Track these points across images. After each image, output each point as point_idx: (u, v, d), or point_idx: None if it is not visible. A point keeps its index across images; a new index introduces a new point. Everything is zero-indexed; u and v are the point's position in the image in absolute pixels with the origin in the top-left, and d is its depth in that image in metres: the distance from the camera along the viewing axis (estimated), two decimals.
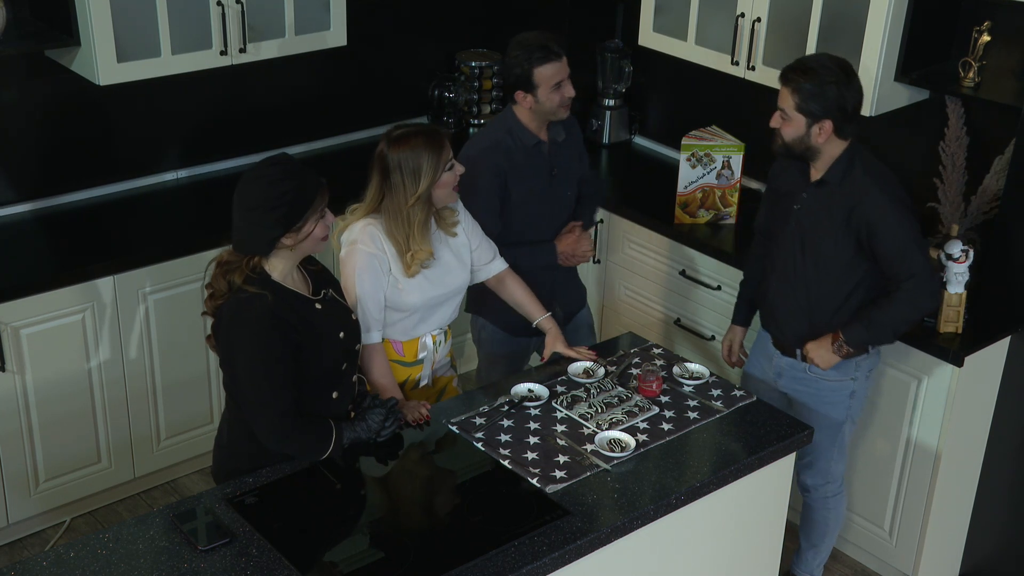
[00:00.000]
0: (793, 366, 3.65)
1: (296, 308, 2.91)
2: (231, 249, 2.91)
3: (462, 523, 2.86)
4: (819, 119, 3.32)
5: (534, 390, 3.34)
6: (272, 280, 2.89)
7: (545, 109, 3.67)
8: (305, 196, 2.85)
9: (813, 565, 3.96)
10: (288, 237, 2.86)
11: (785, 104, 3.36)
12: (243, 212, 2.85)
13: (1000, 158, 4.02)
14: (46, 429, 4.09)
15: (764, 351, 3.77)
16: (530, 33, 3.67)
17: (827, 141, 3.36)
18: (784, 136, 3.40)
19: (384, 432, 3.08)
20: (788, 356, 3.65)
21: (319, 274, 3.08)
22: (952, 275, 3.73)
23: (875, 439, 4.00)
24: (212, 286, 2.92)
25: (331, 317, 3.01)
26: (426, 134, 3.28)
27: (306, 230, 2.88)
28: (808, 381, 3.63)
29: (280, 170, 2.84)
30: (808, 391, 3.65)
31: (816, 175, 3.46)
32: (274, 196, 2.81)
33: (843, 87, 3.31)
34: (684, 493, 2.99)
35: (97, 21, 3.96)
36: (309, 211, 2.86)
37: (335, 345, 3.00)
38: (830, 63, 3.34)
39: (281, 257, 2.91)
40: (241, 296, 2.85)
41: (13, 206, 4.38)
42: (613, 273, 4.85)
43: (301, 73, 4.88)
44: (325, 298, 3.02)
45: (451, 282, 3.44)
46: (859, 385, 3.64)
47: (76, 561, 2.66)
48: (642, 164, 5.22)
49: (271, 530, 2.77)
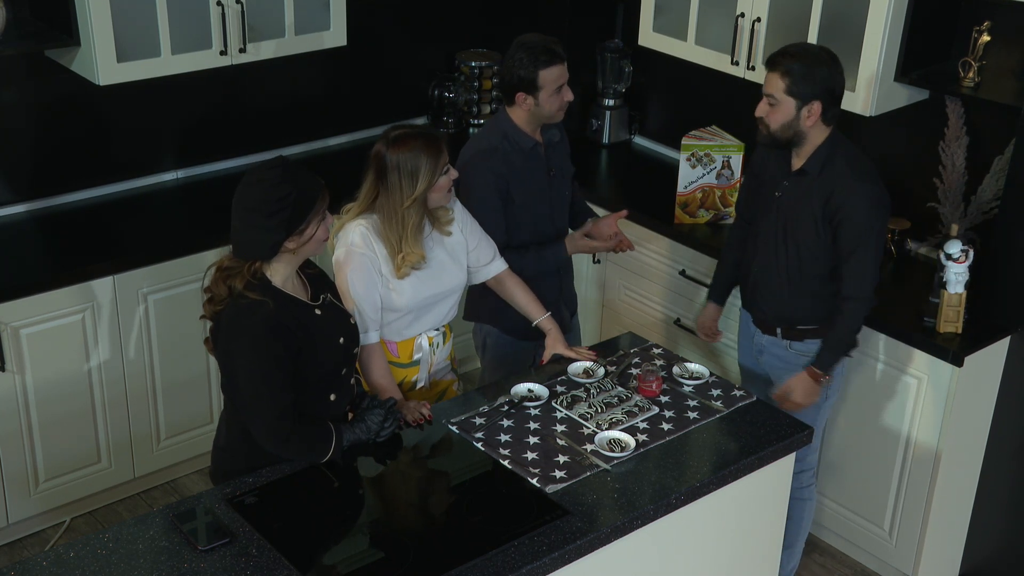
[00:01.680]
0: (774, 343, 3.71)
1: (296, 314, 2.90)
2: (231, 254, 2.89)
3: (462, 523, 2.85)
4: (808, 101, 3.38)
5: (534, 390, 3.34)
6: (273, 286, 2.88)
7: (544, 112, 3.66)
8: (307, 199, 2.83)
9: (788, 569, 3.95)
10: (291, 241, 2.84)
11: (774, 89, 3.40)
12: (243, 216, 2.83)
13: (1000, 158, 4.02)
14: (46, 429, 4.09)
15: (746, 331, 3.84)
16: (533, 35, 3.66)
17: (814, 126, 3.42)
18: (772, 123, 3.44)
19: (383, 433, 3.08)
20: (768, 334, 3.71)
21: (317, 278, 3.07)
22: (952, 275, 3.73)
23: (875, 439, 4.00)
24: (211, 290, 2.89)
25: (330, 322, 3.00)
26: (425, 137, 3.27)
27: (308, 233, 2.86)
28: (788, 358, 3.69)
29: (280, 173, 2.81)
30: (788, 369, 3.69)
31: (797, 164, 3.51)
32: (276, 199, 2.79)
33: (832, 68, 3.39)
34: (684, 493, 2.99)
35: (97, 21, 3.96)
36: (311, 214, 2.84)
37: (335, 350, 2.99)
38: (816, 49, 3.43)
39: (283, 262, 2.89)
40: (242, 303, 2.83)
41: (13, 206, 4.38)
42: (613, 273, 4.85)
43: (301, 73, 4.88)
44: (324, 303, 3.01)
45: (446, 282, 3.43)
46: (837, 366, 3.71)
47: (76, 561, 2.66)
48: (642, 164, 5.22)
49: (271, 530, 2.77)
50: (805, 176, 3.48)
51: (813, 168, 3.46)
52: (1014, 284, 3.81)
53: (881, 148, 4.37)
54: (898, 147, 4.34)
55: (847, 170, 3.43)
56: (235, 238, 2.86)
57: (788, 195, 3.53)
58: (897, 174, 4.36)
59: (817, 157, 3.45)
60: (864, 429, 4.02)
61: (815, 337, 3.63)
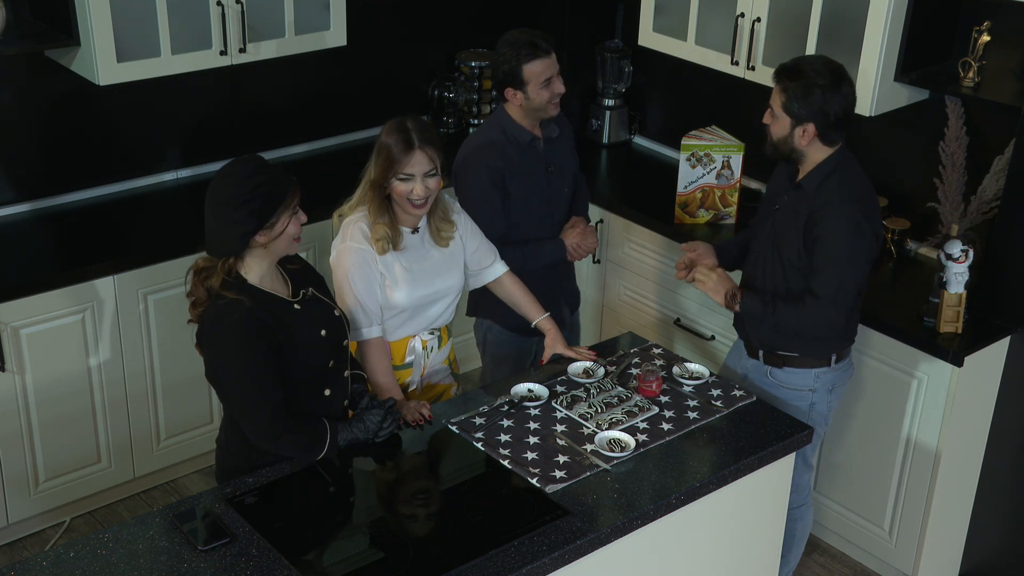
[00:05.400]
0: (756, 368, 3.61)
1: (274, 311, 2.90)
2: (206, 256, 2.91)
3: (462, 523, 2.85)
4: (803, 122, 3.30)
5: (534, 390, 3.34)
6: (248, 284, 2.89)
7: (535, 106, 3.67)
8: (277, 191, 2.85)
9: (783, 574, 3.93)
10: (261, 234, 2.85)
11: (774, 102, 3.36)
12: (215, 209, 2.85)
13: (1000, 158, 4.02)
14: (46, 429, 4.09)
15: (736, 353, 3.76)
16: (518, 30, 3.68)
17: (810, 145, 3.33)
18: (772, 134, 3.39)
19: (382, 433, 3.08)
20: (752, 357, 3.62)
21: (300, 272, 3.07)
22: (952, 275, 3.73)
23: (875, 439, 4.00)
24: (193, 294, 2.93)
25: (311, 316, 2.99)
26: (406, 135, 3.20)
27: (279, 227, 2.87)
28: (768, 385, 3.59)
29: (251, 166, 2.85)
30: (768, 396, 3.57)
31: (799, 179, 3.42)
32: (246, 191, 2.81)
33: (829, 92, 3.26)
34: (684, 493, 2.99)
35: (97, 21, 3.96)
36: (281, 207, 2.86)
37: (318, 343, 2.99)
38: (822, 67, 3.30)
39: (256, 257, 2.90)
40: (219, 303, 2.85)
41: (13, 206, 4.38)
42: (613, 273, 4.85)
43: (301, 73, 4.88)
44: (304, 298, 3.01)
45: (440, 282, 3.41)
46: (818, 398, 3.56)
47: (76, 561, 2.66)
48: (642, 164, 5.22)
49: (271, 530, 2.77)
50: (800, 191, 3.39)
51: (809, 185, 3.36)
52: (1014, 284, 3.81)
53: (881, 148, 4.37)
54: (898, 147, 4.34)
55: (836, 189, 3.32)
56: (208, 236, 2.89)
57: (784, 208, 3.44)
58: (897, 174, 4.36)
59: (816, 175, 3.36)
60: (864, 429, 4.02)
61: (796, 367, 3.52)
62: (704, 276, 3.50)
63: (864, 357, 3.95)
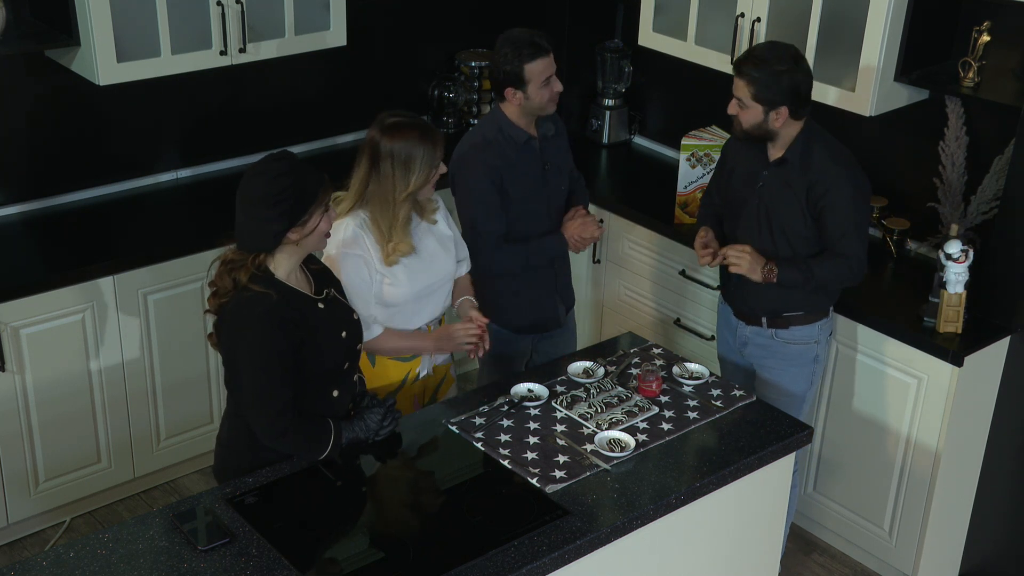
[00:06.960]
0: (758, 334, 3.73)
1: (299, 307, 2.91)
2: (235, 248, 2.91)
3: (462, 523, 2.85)
4: (776, 106, 3.45)
5: (534, 390, 3.34)
6: (276, 279, 2.90)
7: (534, 105, 3.68)
8: (309, 190, 2.86)
9: None
10: (294, 232, 2.86)
11: (741, 94, 3.49)
12: (246, 207, 2.86)
13: (1000, 158, 4.02)
14: (46, 429, 4.09)
15: (727, 324, 3.84)
16: (517, 30, 3.69)
17: (784, 124, 3.49)
18: (743, 123, 3.53)
19: (382, 432, 3.08)
20: (753, 325, 3.72)
21: (321, 273, 3.08)
22: (952, 275, 3.73)
23: (875, 439, 4.00)
24: (216, 284, 2.92)
25: (333, 316, 3.01)
26: (421, 128, 3.27)
27: (311, 224, 2.88)
28: (774, 347, 3.70)
29: (283, 165, 2.85)
30: (773, 358, 3.71)
31: (776, 154, 3.57)
32: (278, 190, 2.81)
33: (795, 74, 3.44)
34: (684, 493, 2.99)
35: (97, 21, 3.96)
36: (313, 205, 2.87)
37: (337, 344, 3.00)
38: (781, 52, 3.47)
39: (286, 254, 2.91)
40: (246, 295, 2.85)
41: (13, 206, 4.38)
42: (613, 273, 4.85)
43: (301, 73, 4.88)
44: (327, 297, 3.02)
45: (438, 270, 3.45)
46: (821, 348, 3.75)
47: (76, 561, 2.66)
48: (642, 164, 5.22)
49: (271, 530, 2.77)
50: (785, 164, 3.54)
51: (793, 156, 3.53)
52: (1014, 284, 3.81)
53: (881, 148, 4.37)
54: (898, 147, 4.34)
55: (827, 158, 3.51)
56: (239, 230, 2.89)
57: (770, 183, 3.58)
58: (897, 174, 4.36)
59: (795, 147, 3.53)
60: (864, 429, 4.02)
61: (801, 324, 3.67)
62: (738, 257, 3.57)
63: (864, 357, 3.95)
